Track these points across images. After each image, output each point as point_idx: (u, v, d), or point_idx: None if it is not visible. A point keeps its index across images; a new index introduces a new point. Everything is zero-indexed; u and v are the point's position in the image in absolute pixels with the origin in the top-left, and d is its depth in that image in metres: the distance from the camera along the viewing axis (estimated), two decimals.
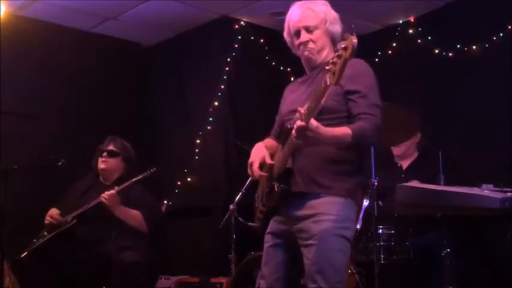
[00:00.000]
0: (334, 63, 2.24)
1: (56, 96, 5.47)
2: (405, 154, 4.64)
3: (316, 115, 2.37)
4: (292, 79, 2.96)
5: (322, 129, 2.37)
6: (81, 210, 4.12)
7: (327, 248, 2.51)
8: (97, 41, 5.82)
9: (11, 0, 5.02)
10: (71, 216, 4.14)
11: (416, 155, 4.65)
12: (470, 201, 2.86)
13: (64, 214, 4.21)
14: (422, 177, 3.91)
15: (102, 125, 5.48)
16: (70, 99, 5.54)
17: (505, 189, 2.94)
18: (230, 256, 4.58)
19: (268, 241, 2.72)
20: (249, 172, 2.72)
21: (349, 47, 2.20)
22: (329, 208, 2.54)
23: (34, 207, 4.51)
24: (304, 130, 2.33)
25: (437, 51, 5.18)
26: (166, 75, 6.12)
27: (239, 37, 5.65)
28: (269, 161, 2.68)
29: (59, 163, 4.18)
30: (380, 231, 4.03)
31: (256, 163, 2.68)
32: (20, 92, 5.18)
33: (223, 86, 5.59)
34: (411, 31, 5.43)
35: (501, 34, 4.82)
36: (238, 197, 4.36)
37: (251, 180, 2.81)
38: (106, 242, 4.02)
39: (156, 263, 4.55)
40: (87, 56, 5.68)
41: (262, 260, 2.74)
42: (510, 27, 4.80)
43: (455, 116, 4.98)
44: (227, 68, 5.61)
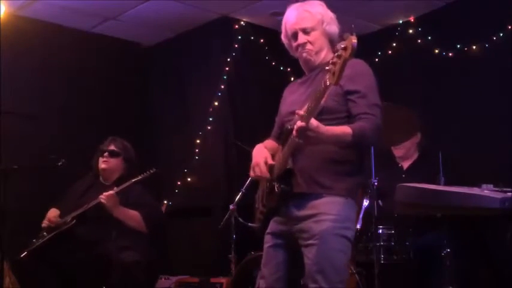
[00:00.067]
0: (334, 63, 2.23)
1: (56, 96, 5.46)
2: (406, 155, 4.64)
3: (316, 115, 2.37)
4: (292, 79, 2.96)
5: (322, 128, 2.37)
6: (80, 210, 4.12)
7: (328, 248, 2.51)
8: (97, 41, 5.81)
9: (11, 0, 5.02)
10: (71, 216, 4.14)
11: (416, 156, 4.65)
12: (470, 201, 2.86)
13: (64, 214, 4.22)
14: (422, 177, 3.90)
15: (102, 125, 5.48)
16: (70, 99, 5.54)
17: (505, 189, 2.93)
18: (230, 256, 4.58)
19: (268, 241, 2.72)
20: (252, 173, 2.71)
21: (348, 47, 2.20)
22: (330, 208, 2.54)
23: (34, 207, 4.51)
24: (304, 130, 2.34)
25: (437, 51, 5.18)
26: (166, 75, 6.12)
27: (239, 37, 5.65)
28: (270, 162, 2.68)
29: (59, 163, 4.18)
30: (380, 231, 4.03)
31: (262, 164, 2.65)
32: (20, 92, 5.18)
33: (223, 86, 5.59)
34: (411, 31, 5.43)
35: (501, 34, 4.82)
36: (238, 197, 4.36)
37: (251, 180, 2.80)
38: (106, 242, 4.02)
39: (156, 263, 4.55)
40: (87, 56, 5.68)
41: (262, 261, 2.73)
42: (510, 27, 4.80)
43: (455, 116, 4.98)
44: (227, 68, 5.61)
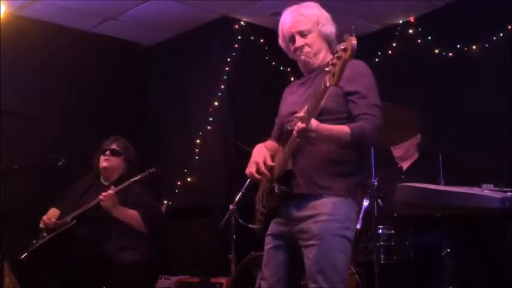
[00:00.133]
0: (333, 64, 2.23)
1: (56, 96, 5.46)
2: (405, 155, 4.64)
3: (316, 116, 2.38)
4: (292, 79, 2.96)
5: (321, 127, 2.38)
6: (80, 210, 4.12)
7: (328, 248, 2.51)
8: (97, 41, 5.81)
9: (11, 0, 5.02)
10: (71, 216, 4.14)
11: (416, 156, 4.65)
12: (470, 201, 2.86)
13: (64, 214, 4.22)
14: (422, 178, 3.90)
15: (102, 125, 5.48)
16: (70, 99, 5.54)
17: (505, 189, 2.93)
18: (230, 256, 4.57)
19: (268, 243, 2.72)
20: (248, 169, 2.71)
21: (348, 48, 2.20)
22: (329, 208, 2.54)
23: (34, 207, 4.51)
24: (305, 132, 2.34)
25: (437, 51, 5.18)
26: (166, 75, 6.12)
27: (239, 37, 5.65)
28: (269, 162, 2.68)
29: (59, 163, 4.19)
30: (380, 231, 4.03)
31: (261, 163, 2.66)
32: (20, 92, 5.18)
33: (223, 86, 5.59)
34: (411, 31, 5.43)
35: (501, 34, 4.82)
36: (238, 197, 4.36)
37: (251, 180, 2.80)
38: (106, 242, 4.02)
39: (156, 263, 4.55)
40: (87, 56, 5.68)
41: (262, 262, 2.74)
42: (510, 27, 4.79)
43: (455, 116, 4.98)
44: (227, 68, 5.61)
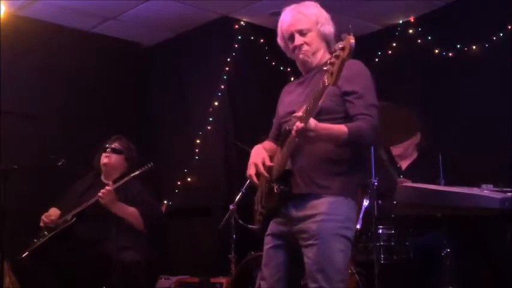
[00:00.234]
0: (332, 63, 2.24)
1: (56, 96, 5.46)
2: (404, 154, 4.63)
3: (314, 116, 2.38)
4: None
5: (320, 126, 2.39)
6: (80, 208, 4.12)
7: (328, 248, 2.52)
8: (97, 41, 5.81)
9: (11, 0, 5.02)
10: (71, 215, 4.14)
11: (415, 156, 4.64)
12: (470, 201, 2.86)
13: (64, 213, 4.21)
14: (421, 178, 3.90)
15: (102, 125, 5.47)
16: (70, 99, 5.54)
17: (505, 189, 2.93)
18: (230, 256, 4.58)
19: (268, 242, 2.72)
20: (249, 174, 2.72)
21: (346, 47, 2.20)
22: (329, 208, 2.54)
23: (34, 207, 4.50)
24: (304, 131, 2.35)
25: (437, 51, 5.18)
26: (166, 75, 6.12)
27: (239, 37, 5.65)
28: (268, 163, 2.68)
29: (59, 163, 4.18)
30: (380, 231, 4.03)
31: (259, 164, 2.67)
32: (20, 92, 5.18)
33: (223, 86, 5.59)
34: (411, 31, 5.43)
35: (501, 34, 4.82)
36: (238, 197, 4.37)
37: (250, 180, 2.80)
38: (106, 242, 4.02)
39: (156, 263, 4.54)
40: (87, 56, 5.68)
41: (262, 262, 2.74)
42: (510, 27, 4.79)
43: (455, 116, 4.98)
44: (227, 68, 5.60)
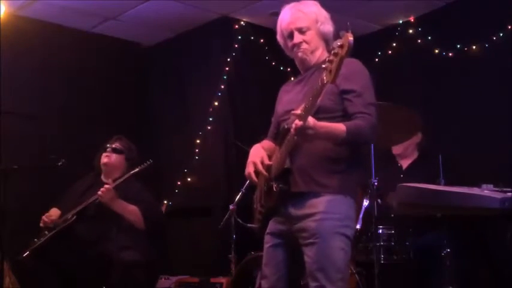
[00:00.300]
0: (330, 61, 2.24)
1: (56, 96, 5.46)
2: (405, 153, 4.63)
3: (313, 114, 2.38)
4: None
5: (318, 124, 2.40)
6: (80, 207, 4.12)
7: (328, 246, 2.52)
8: (97, 41, 5.81)
9: (11, 0, 5.02)
10: (71, 214, 4.14)
11: (416, 155, 4.64)
12: (470, 201, 2.85)
13: (64, 213, 4.21)
14: (421, 177, 3.90)
15: (102, 125, 5.48)
16: (70, 99, 5.54)
17: (505, 189, 2.93)
18: (230, 256, 4.57)
19: (268, 241, 2.72)
20: (247, 172, 2.72)
21: (345, 45, 2.20)
22: (329, 207, 2.54)
23: (34, 207, 4.51)
24: (303, 129, 2.35)
25: (437, 51, 5.18)
26: (166, 75, 6.12)
27: (239, 37, 5.65)
28: (267, 162, 2.69)
29: (59, 163, 4.19)
30: (380, 231, 4.02)
31: (258, 163, 2.68)
32: (20, 92, 5.18)
33: (223, 86, 5.59)
34: (411, 31, 5.43)
35: (501, 34, 4.82)
36: (238, 197, 4.36)
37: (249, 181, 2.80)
38: (106, 242, 4.03)
39: (156, 263, 4.54)
40: (87, 56, 5.68)
41: (263, 261, 2.74)
42: (510, 27, 4.79)
43: (455, 116, 4.98)
44: (227, 68, 5.60)
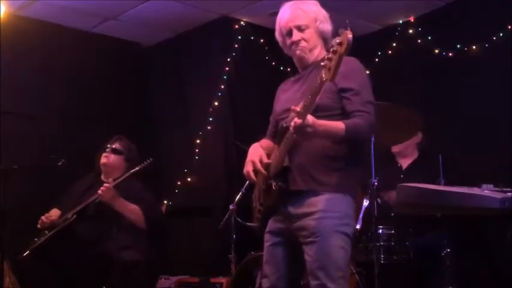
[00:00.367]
0: (329, 58, 2.24)
1: (56, 96, 5.46)
2: (404, 152, 4.62)
3: (311, 112, 2.38)
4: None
5: (317, 122, 2.40)
6: (80, 206, 4.12)
7: (328, 245, 2.52)
8: (97, 41, 5.81)
9: (11, 0, 5.02)
10: (71, 213, 4.14)
11: (416, 155, 4.64)
12: (470, 201, 2.85)
13: (64, 214, 4.21)
14: (422, 177, 3.90)
15: (102, 125, 5.47)
16: (70, 99, 5.53)
17: (505, 189, 2.93)
18: (230, 256, 4.57)
19: (268, 240, 2.73)
20: (245, 169, 2.72)
21: (344, 42, 2.20)
22: (328, 205, 2.55)
23: (34, 207, 4.50)
24: (302, 127, 2.35)
25: (437, 51, 5.18)
26: (166, 75, 6.12)
27: (239, 37, 5.65)
28: (266, 160, 2.69)
29: (59, 163, 4.19)
30: (380, 231, 4.02)
31: (257, 162, 2.68)
32: (20, 92, 5.18)
33: (223, 86, 5.59)
34: (411, 31, 5.43)
35: (501, 34, 4.82)
36: (238, 197, 4.36)
37: (248, 180, 2.80)
38: (106, 241, 4.02)
39: (156, 263, 4.55)
40: (87, 56, 5.68)
41: (263, 259, 2.74)
42: (510, 27, 4.79)
43: (455, 116, 4.98)
44: (227, 68, 5.60)
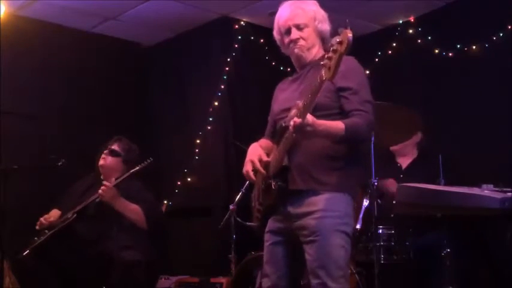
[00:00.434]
0: (329, 57, 2.24)
1: (56, 96, 5.46)
2: (403, 151, 4.62)
3: (311, 111, 2.38)
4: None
5: (317, 122, 2.40)
6: (80, 206, 4.12)
7: (328, 244, 2.52)
8: (97, 41, 5.81)
9: (11, 0, 5.02)
10: (71, 212, 4.14)
11: (415, 155, 4.64)
12: (470, 201, 2.86)
13: (64, 214, 4.21)
14: (421, 177, 3.91)
15: (102, 125, 5.48)
16: (70, 99, 5.53)
17: (505, 189, 2.94)
18: (230, 256, 4.57)
19: (268, 239, 2.73)
20: (244, 168, 2.72)
21: (344, 41, 2.20)
22: (328, 204, 2.55)
23: (34, 207, 4.51)
24: (302, 127, 2.35)
25: (437, 51, 5.18)
26: (166, 75, 6.12)
27: (239, 37, 5.65)
28: (265, 159, 2.69)
29: (59, 163, 4.18)
30: (380, 231, 4.02)
31: (256, 161, 2.68)
32: (20, 92, 5.18)
33: (223, 86, 5.59)
34: (411, 31, 5.43)
35: (501, 34, 4.82)
36: (238, 197, 4.36)
37: (247, 180, 2.80)
38: (107, 241, 4.02)
39: (157, 263, 4.55)
40: (87, 56, 5.67)
41: (264, 259, 2.74)
42: (510, 27, 4.79)
43: (455, 116, 4.98)
44: (227, 68, 5.61)
